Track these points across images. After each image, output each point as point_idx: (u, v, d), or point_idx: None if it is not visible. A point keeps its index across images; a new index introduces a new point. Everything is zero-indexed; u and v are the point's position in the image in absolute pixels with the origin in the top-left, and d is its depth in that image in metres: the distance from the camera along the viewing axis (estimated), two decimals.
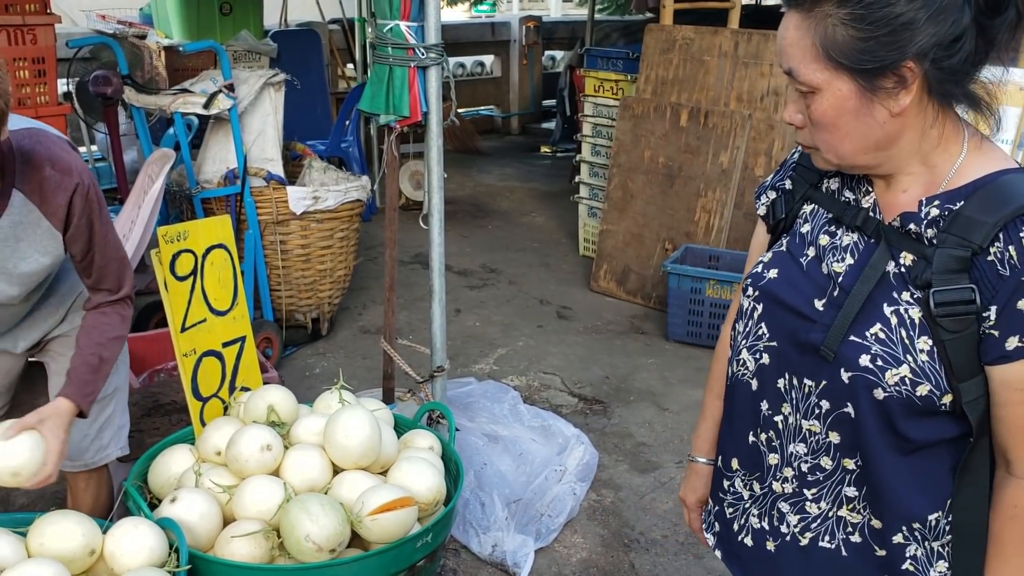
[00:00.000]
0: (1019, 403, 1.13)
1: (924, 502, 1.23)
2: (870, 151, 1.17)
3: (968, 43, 1.07)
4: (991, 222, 1.09)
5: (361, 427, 2.16)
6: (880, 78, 1.10)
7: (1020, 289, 1.07)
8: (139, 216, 3.47)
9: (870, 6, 1.07)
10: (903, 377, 1.15)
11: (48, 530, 1.82)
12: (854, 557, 1.30)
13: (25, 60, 3.74)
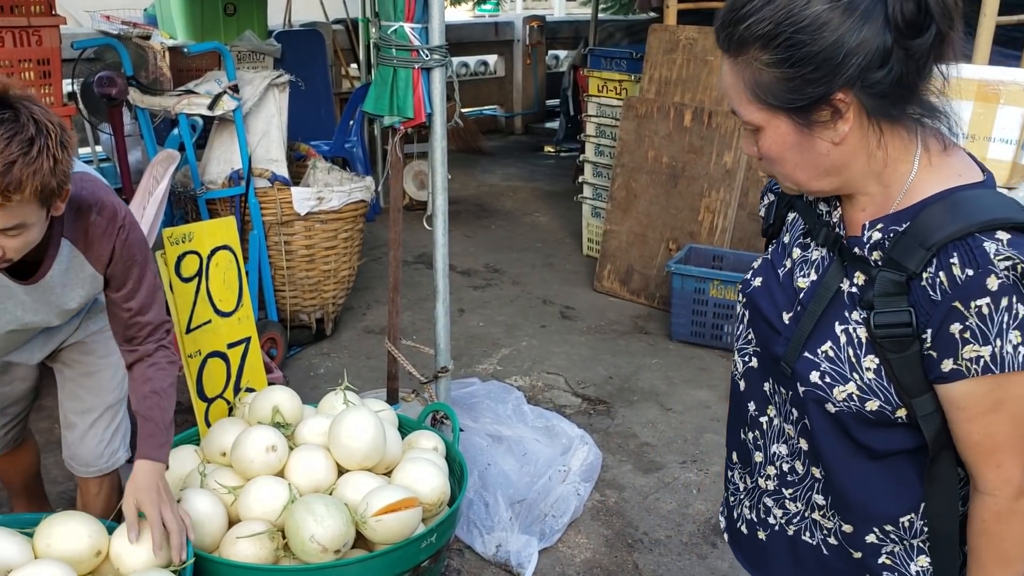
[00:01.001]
0: (964, 421, 1.15)
1: (893, 506, 1.26)
2: (823, 177, 1.18)
3: (896, 66, 1.07)
4: (925, 248, 1.10)
5: (365, 428, 2.17)
6: (814, 112, 1.11)
7: (951, 314, 1.09)
8: (144, 217, 3.48)
9: (790, 48, 1.07)
10: (850, 394, 1.19)
11: (54, 531, 1.83)
12: (834, 556, 1.34)
13: (30, 61, 3.75)
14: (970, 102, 3.61)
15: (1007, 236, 1.08)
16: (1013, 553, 1.21)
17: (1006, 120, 3.55)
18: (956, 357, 1.11)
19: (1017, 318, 1.07)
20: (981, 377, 1.10)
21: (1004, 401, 1.12)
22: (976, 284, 1.07)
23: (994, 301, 1.07)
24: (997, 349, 1.08)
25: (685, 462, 3.46)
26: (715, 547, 2.96)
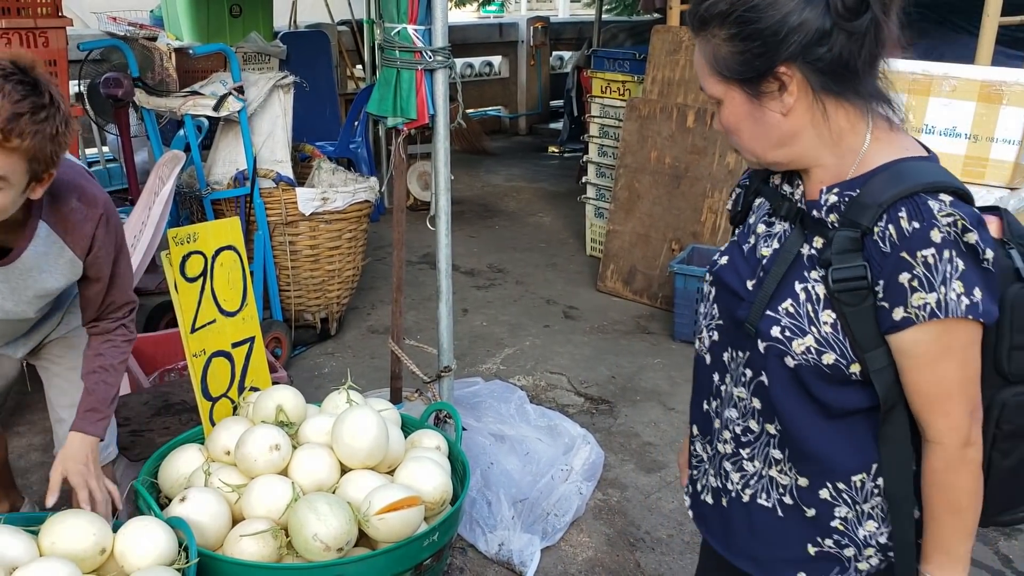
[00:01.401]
0: (915, 369, 1.24)
1: (847, 462, 1.34)
2: (777, 148, 1.30)
3: (837, 45, 1.19)
4: (876, 205, 1.21)
5: (368, 427, 2.18)
6: (762, 84, 1.24)
7: (900, 264, 1.19)
8: (149, 217, 3.50)
9: (741, 24, 1.21)
10: (808, 346, 1.28)
11: (59, 529, 1.85)
12: (788, 519, 1.41)
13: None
14: (973, 103, 3.62)
15: (949, 198, 1.19)
16: (964, 502, 1.28)
17: (1009, 120, 3.56)
18: (906, 305, 1.20)
19: (958, 270, 1.17)
20: (928, 323, 1.19)
21: (951, 348, 1.21)
22: (921, 236, 1.17)
23: (938, 252, 1.17)
24: (942, 296, 1.17)
25: None
26: None
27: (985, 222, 1.22)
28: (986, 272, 1.19)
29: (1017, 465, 1.34)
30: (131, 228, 3.77)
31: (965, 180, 3.65)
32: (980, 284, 1.19)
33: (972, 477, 1.27)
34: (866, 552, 1.37)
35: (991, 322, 1.21)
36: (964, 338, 1.21)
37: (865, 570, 1.38)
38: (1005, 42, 5.76)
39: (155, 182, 3.71)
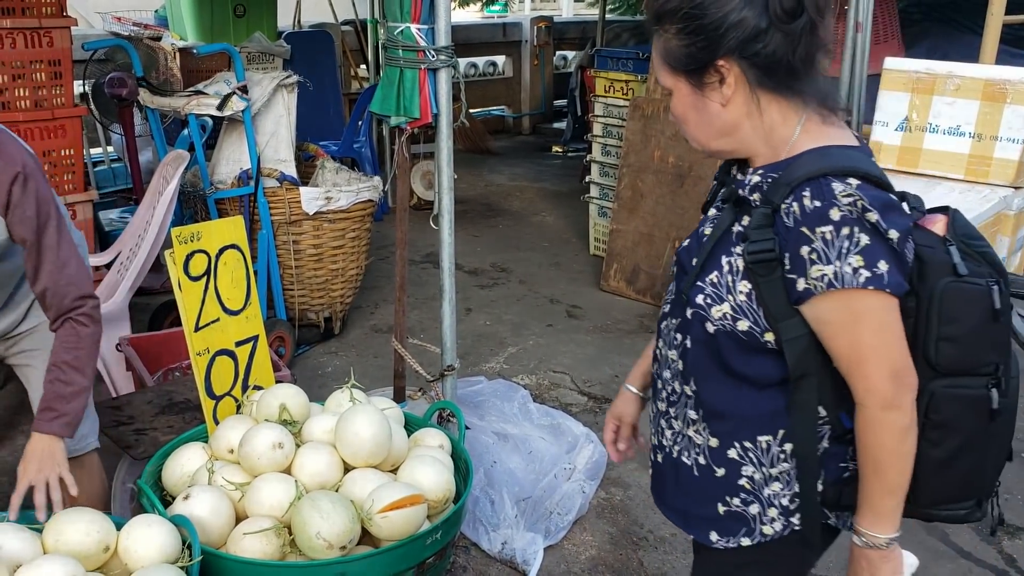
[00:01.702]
0: (830, 336, 1.34)
1: (754, 424, 1.45)
2: (719, 137, 1.43)
3: (772, 43, 1.31)
4: (786, 184, 1.33)
5: (371, 426, 2.18)
6: (704, 76, 1.37)
7: (800, 238, 1.30)
8: (154, 216, 3.51)
9: (687, 20, 1.34)
10: (725, 313, 1.40)
11: (63, 527, 1.85)
12: (703, 478, 1.52)
13: (42, 63, 3.79)
14: (976, 101, 3.61)
15: (857, 182, 1.29)
16: (884, 461, 1.36)
17: (1013, 119, 3.55)
18: (806, 277, 1.31)
19: (859, 245, 1.27)
20: (828, 293, 1.30)
21: (860, 316, 1.31)
22: (821, 213, 1.28)
23: (836, 228, 1.28)
24: (838, 268, 1.28)
25: None
26: None
27: (896, 206, 1.31)
28: (895, 251, 1.29)
29: (948, 458, 1.40)
30: (135, 227, 3.78)
31: (969, 179, 3.65)
32: (886, 258, 1.28)
33: (892, 439, 1.34)
34: (770, 513, 1.47)
35: (899, 293, 1.30)
36: (873, 303, 1.30)
37: (770, 534, 1.48)
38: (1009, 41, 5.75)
39: (159, 182, 3.72)
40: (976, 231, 1.44)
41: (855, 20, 4.79)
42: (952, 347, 1.36)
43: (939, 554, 2.93)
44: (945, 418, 1.38)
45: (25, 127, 3.78)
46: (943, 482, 1.42)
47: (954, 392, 1.37)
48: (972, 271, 1.36)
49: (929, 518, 1.49)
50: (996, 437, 1.42)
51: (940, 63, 3.74)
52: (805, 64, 1.34)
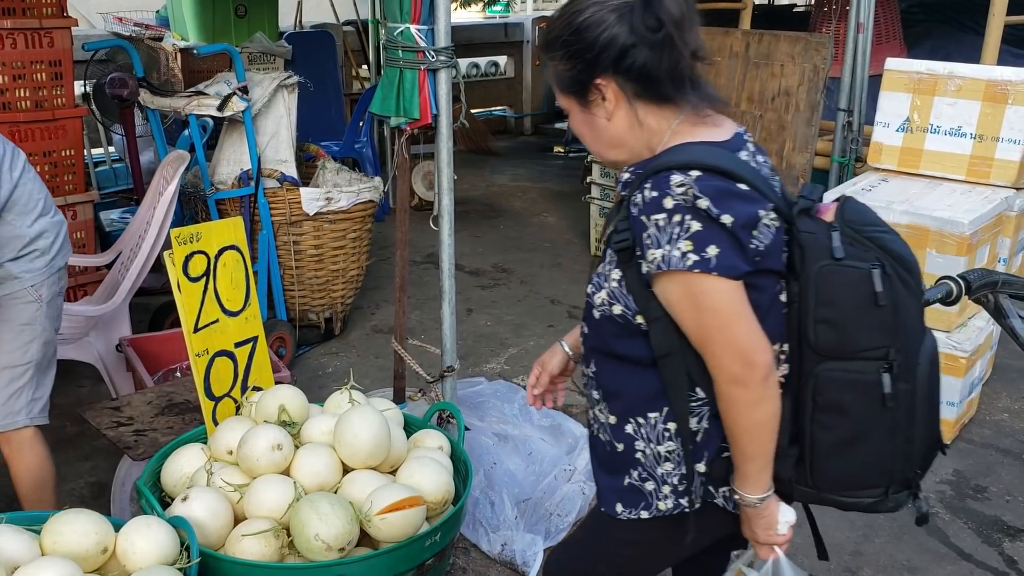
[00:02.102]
0: (678, 317, 1.45)
1: (643, 401, 1.55)
2: (611, 148, 1.56)
3: (640, 57, 1.43)
4: (639, 179, 1.45)
5: (370, 427, 2.18)
6: (588, 94, 1.51)
7: (641, 226, 1.42)
8: (154, 217, 3.51)
9: (566, 46, 1.48)
10: (603, 299, 1.54)
11: (61, 528, 1.85)
12: (611, 454, 1.63)
13: (42, 63, 3.79)
14: (978, 102, 3.61)
15: (697, 173, 1.39)
16: (735, 432, 1.46)
17: (1014, 120, 3.54)
18: (647, 261, 1.43)
19: (689, 231, 1.38)
20: (661, 275, 1.42)
21: (696, 298, 1.40)
22: (656, 202, 1.40)
23: (668, 216, 1.39)
24: (667, 252, 1.39)
25: None
26: None
27: (737, 194, 1.39)
28: (730, 235, 1.37)
29: (842, 443, 1.47)
30: (136, 227, 3.78)
31: (970, 180, 3.64)
32: (718, 242, 1.37)
33: (740, 413, 1.44)
34: (663, 490, 1.57)
35: (732, 276, 1.39)
36: (707, 290, 1.39)
37: (664, 510, 1.58)
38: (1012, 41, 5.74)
39: (160, 182, 3.71)
40: (873, 217, 1.51)
41: (856, 21, 4.79)
42: (830, 330, 1.42)
43: (940, 556, 2.93)
44: (831, 401, 1.45)
45: (26, 128, 3.78)
46: (840, 467, 1.48)
47: (840, 376, 1.44)
48: (852, 255, 1.42)
49: (834, 504, 1.55)
50: (897, 424, 1.46)
51: (941, 64, 3.73)
52: (673, 74, 1.45)
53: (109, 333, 3.56)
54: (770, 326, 1.45)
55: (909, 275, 1.45)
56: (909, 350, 1.45)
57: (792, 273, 1.46)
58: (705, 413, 1.51)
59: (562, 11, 1.52)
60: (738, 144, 1.50)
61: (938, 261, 3.37)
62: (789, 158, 4.85)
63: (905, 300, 1.43)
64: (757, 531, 1.54)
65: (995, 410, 3.91)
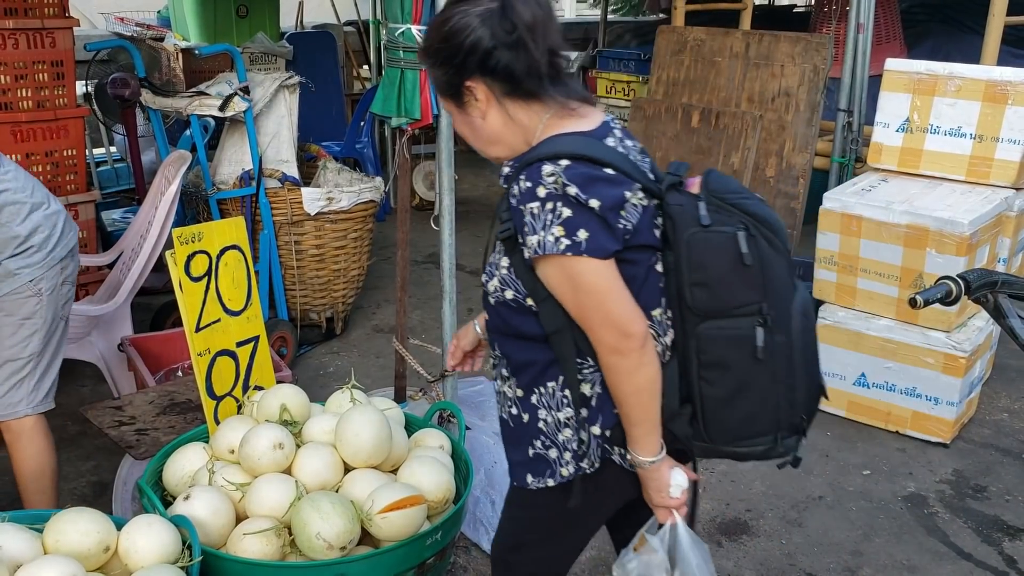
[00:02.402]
0: (559, 297, 1.56)
1: (544, 372, 1.66)
2: (491, 145, 1.67)
3: (502, 59, 1.55)
4: (515, 171, 1.57)
5: (371, 426, 2.19)
6: (462, 97, 1.62)
7: (519, 215, 1.54)
8: (156, 217, 3.52)
9: (437, 55, 1.61)
10: (496, 286, 1.66)
11: (64, 527, 1.86)
12: (516, 427, 1.73)
13: (44, 63, 3.79)
14: (978, 103, 3.61)
15: (566, 162, 1.51)
16: (619, 396, 1.59)
17: (1014, 120, 3.55)
18: (527, 247, 1.54)
19: (560, 217, 1.49)
20: (539, 260, 1.54)
21: (572, 278, 1.53)
22: (530, 193, 1.52)
23: (542, 204, 1.50)
24: (541, 238, 1.51)
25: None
26: (720, 546, 2.97)
27: (603, 178, 1.51)
28: (599, 219, 1.49)
29: (728, 396, 1.59)
30: (138, 227, 3.79)
31: (970, 180, 3.65)
32: (587, 226, 1.49)
33: (622, 380, 1.56)
34: (565, 456, 1.68)
35: (602, 256, 1.51)
36: (581, 270, 1.52)
37: (567, 475, 1.68)
38: (1012, 42, 5.74)
39: (161, 182, 3.72)
40: (736, 186, 1.63)
41: (856, 22, 4.80)
42: (704, 291, 1.55)
43: (939, 555, 2.93)
44: (713, 358, 1.57)
45: (28, 128, 3.79)
46: (730, 419, 1.61)
47: (718, 333, 1.56)
48: (717, 221, 1.55)
49: (732, 455, 1.66)
50: (777, 373, 1.58)
51: (941, 64, 3.73)
52: (531, 72, 1.57)
53: (111, 333, 3.57)
54: (648, 295, 1.59)
55: (774, 235, 1.57)
56: (781, 305, 1.57)
57: (667, 244, 1.59)
58: (598, 379, 1.63)
59: (433, 20, 1.66)
60: (604, 132, 1.62)
61: (938, 261, 3.37)
62: (789, 158, 4.86)
63: (772, 258, 1.56)
64: (652, 493, 1.66)
65: (995, 410, 3.92)
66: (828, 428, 3.73)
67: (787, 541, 3.01)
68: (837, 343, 3.72)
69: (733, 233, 1.54)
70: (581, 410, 1.65)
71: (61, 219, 2.53)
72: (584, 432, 1.65)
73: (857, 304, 3.68)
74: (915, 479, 3.38)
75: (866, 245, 3.56)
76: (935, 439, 3.59)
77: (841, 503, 3.22)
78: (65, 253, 2.53)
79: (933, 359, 3.50)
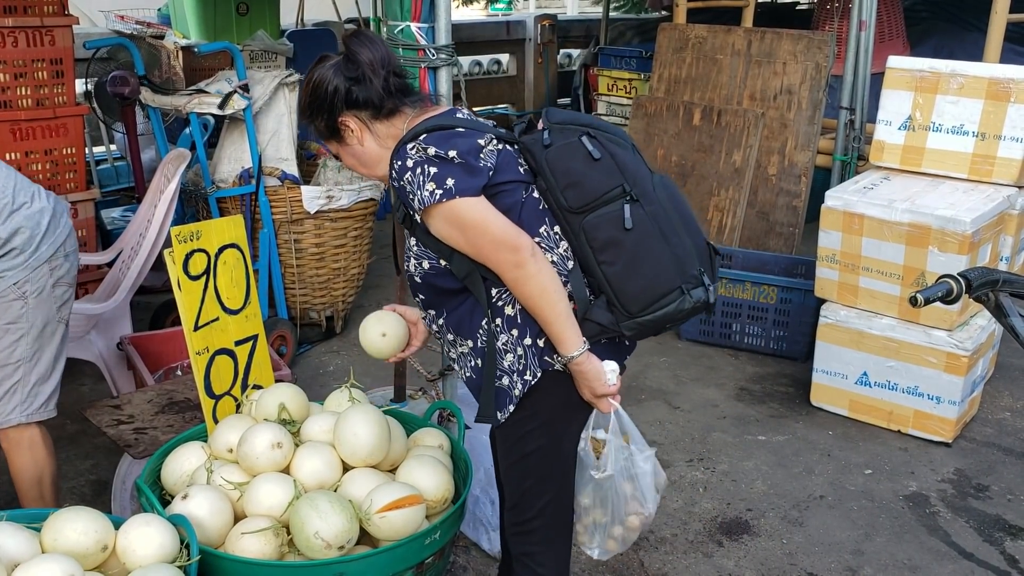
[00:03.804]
0: (455, 245, 1.86)
1: (476, 315, 1.96)
2: (374, 166, 2.00)
3: (359, 93, 1.92)
4: (391, 162, 1.89)
5: (370, 425, 2.18)
6: (340, 133, 1.98)
7: (401, 190, 1.86)
8: (155, 215, 3.51)
9: (312, 108, 1.98)
10: (415, 265, 1.99)
11: (61, 526, 1.85)
12: (477, 377, 2.00)
13: (43, 61, 3.79)
14: (980, 100, 3.60)
15: (424, 135, 1.85)
16: (534, 305, 1.84)
17: (1017, 118, 3.54)
18: (415, 211, 1.86)
19: (429, 176, 1.81)
20: (425, 214, 1.85)
21: (460, 221, 1.82)
22: (402, 167, 1.84)
23: (412, 172, 1.83)
24: (421, 195, 1.82)
25: (692, 460, 3.46)
26: (721, 545, 2.96)
27: (454, 135, 1.84)
28: (460, 164, 1.80)
29: (626, 268, 1.84)
30: (137, 226, 3.78)
31: (972, 178, 3.63)
32: (452, 174, 1.80)
33: (530, 287, 1.82)
34: (513, 378, 1.93)
35: (472, 193, 1.81)
36: (461, 211, 1.81)
37: (519, 393, 1.93)
38: (1015, 39, 5.73)
39: (160, 180, 3.71)
40: (572, 116, 1.96)
41: (858, 19, 4.78)
42: (574, 190, 1.85)
43: (940, 555, 2.92)
44: (602, 241, 1.84)
45: (27, 126, 3.78)
46: (637, 286, 1.85)
47: (597, 220, 1.84)
48: (561, 138, 1.88)
49: (655, 326, 1.89)
50: (658, 235, 1.85)
51: (943, 61, 3.72)
52: (384, 93, 1.92)
53: (110, 331, 3.56)
54: (529, 216, 1.88)
55: (616, 136, 1.91)
56: (642, 183, 1.87)
57: (534, 174, 1.90)
58: (512, 299, 1.90)
59: (302, 86, 2.03)
60: (453, 112, 1.98)
61: (940, 259, 3.36)
62: (791, 156, 4.85)
63: (619, 152, 1.87)
64: (592, 384, 1.91)
65: (997, 409, 3.91)
66: (830, 427, 3.72)
67: (788, 540, 3.00)
68: (839, 342, 3.71)
69: (577, 139, 1.87)
70: (512, 331, 1.91)
71: (46, 217, 2.47)
72: (520, 348, 1.91)
73: (859, 303, 3.67)
74: (917, 478, 3.37)
75: (868, 243, 3.55)
76: (937, 438, 3.58)
77: (842, 502, 3.21)
78: (52, 252, 2.48)
79: (935, 358, 3.49)
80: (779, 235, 4.87)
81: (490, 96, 10.21)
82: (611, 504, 2.04)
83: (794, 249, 4.85)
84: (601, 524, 2.09)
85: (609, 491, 2.03)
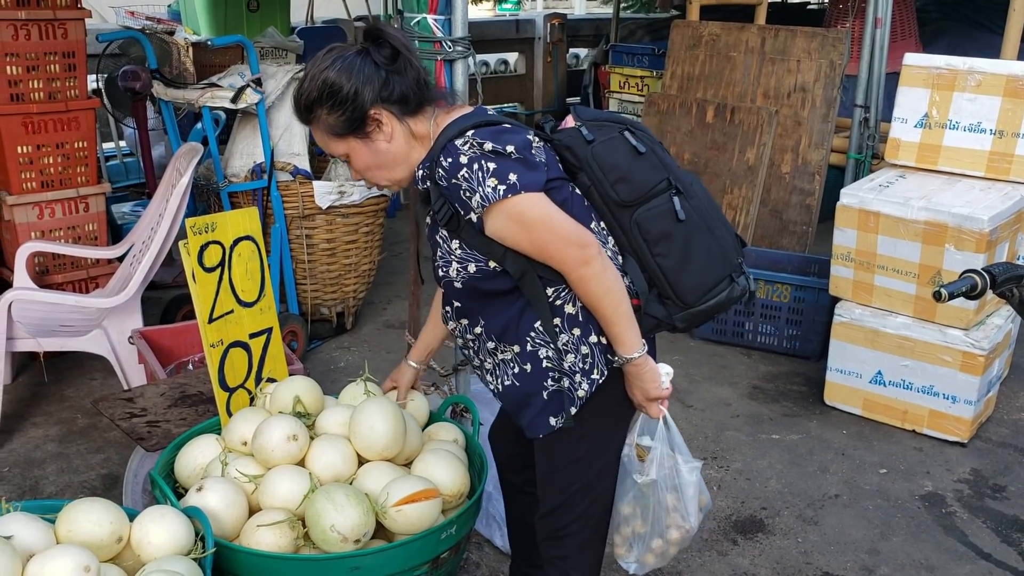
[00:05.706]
0: (515, 243, 1.76)
1: (526, 319, 1.86)
2: (395, 167, 1.87)
3: (396, 84, 1.78)
4: (432, 162, 1.78)
5: (386, 419, 2.16)
6: (365, 127, 1.81)
7: (454, 188, 1.74)
8: (167, 209, 3.50)
9: (330, 98, 1.78)
10: (457, 269, 1.86)
11: (76, 517, 1.84)
12: (523, 383, 1.91)
13: (56, 54, 3.78)
14: (998, 98, 3.57)
15: (471, 131, 1.74)
16: (597, 304, 1.79)
17: None
18: (473, 210, 1.74)
19: (489, 171, 1.71)
20: (487, 212, 1.73)
21: (523, 218, 1.73)
22: (455, 164, 1.73)
23: (469, 168, 1.72)
24: (483, 192, 1.71)
25: (706, 459, 3.43)
26: (735, 544, 2.94)
27: (506, 130, 1.76)
28: (520, 160, 1.72)
29: (681, 260, 1.83)
30: (148, 220, 3.77)
31: (990, 176, 3.60)
32: (514, 170, 1.71)
33: (594, 286, 1.76)
34: (576, 379, 1.86)
35: (536, 188, 1.73)
36: (525, 207, 1.73)
37: (584, 394, 1.86)
38: None
39: (172, 175, 3.70)
40: (600, 113, 1.95)
41: (874, 16, 4.75)
42: (624, 185, 1.82)
43: (958, 555, 2.89)
44: (656, 234, 1.82)
45: (39, 119, 3.78)
46: (692, 278, 1.84)
47: (649, 213, 1.82)
48: (599, 134, 1.84)
49: (708, 314, 1.89)
50: (704, 227, 1.86)
51: (960, 59, 3.69)
52: (419, 86, 1.81)
53: (121, 325, 3.55)
54: (579, 214, 1.82)
55: (650, 134, 1.90)
56: (681, 179, 1.87)
57: (573, 171, 1.86)
58: (573, 297, 1.83)
59: (303, 80, 1.83)
60: (483, 110, 1.87)
61: (956, 258, 3.33)
62: (805, 154, 4.82)
63: (658, 148, 1.88)
64: (646, 386, 1.87)
65: (1013, 409, 3.88)
66: (844, 426, 3.70)
67: (803, 539, 2.97)
68: (854, 340, 3.68)
69: (619, 134, 1.85)
70: (574, 330, 1.85)
71: None
72: (585, 346, 1.84)
73: (874, 301, 3.64)
74: (932, 478, 3.34)
75: (883, 241, 3.52)
76: (952, 438, 3.55)
77: (858, 502, 3.18)
78: None
79: (951, 357, 3.46)
80: (792, 234, 4.85)
81: (498, 95, 10.19)
82: (652, 514, 1.99)
83: (807, 248, 4.82)
84: (640, 535, 2.02)
85: (651, 499, 1.97)
